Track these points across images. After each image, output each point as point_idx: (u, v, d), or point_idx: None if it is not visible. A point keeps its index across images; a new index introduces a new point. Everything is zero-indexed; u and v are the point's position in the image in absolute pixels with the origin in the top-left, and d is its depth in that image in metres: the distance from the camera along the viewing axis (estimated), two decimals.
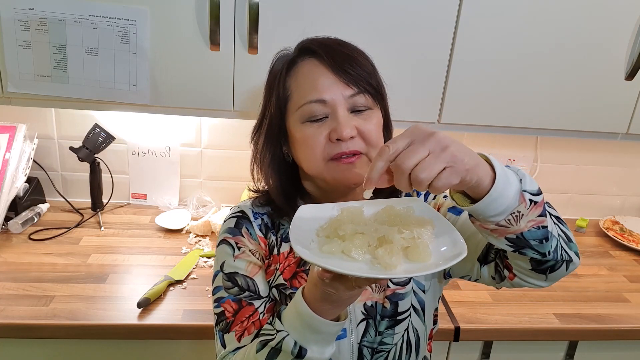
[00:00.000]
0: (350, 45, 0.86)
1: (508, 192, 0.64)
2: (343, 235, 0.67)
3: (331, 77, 0.81)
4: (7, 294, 1.21)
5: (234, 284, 0.86)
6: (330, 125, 0.81)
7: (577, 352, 1.33)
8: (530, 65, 1.29)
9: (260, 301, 0.86)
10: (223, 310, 0.85)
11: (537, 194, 0.67)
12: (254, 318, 0.85)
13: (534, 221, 0.67)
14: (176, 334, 1.17)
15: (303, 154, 0.84)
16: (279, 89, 0.85)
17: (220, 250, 0.90)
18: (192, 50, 1.20)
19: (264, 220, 0.92)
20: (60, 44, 1.18)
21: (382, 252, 0.64)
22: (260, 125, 0.91)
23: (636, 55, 1.29)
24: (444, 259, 0.64)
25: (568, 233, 0.74)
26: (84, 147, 1.55)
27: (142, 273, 1.34)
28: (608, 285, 1.47)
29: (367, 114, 0.83)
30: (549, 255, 0.70)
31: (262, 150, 0.90)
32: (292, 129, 0.85)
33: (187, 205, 1.70)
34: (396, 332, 0.86)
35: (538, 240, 0.68)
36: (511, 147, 1.79)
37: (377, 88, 0.85)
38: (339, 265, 0.62)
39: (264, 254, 0.90)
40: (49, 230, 1.51)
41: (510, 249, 0.70)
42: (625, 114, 1.38)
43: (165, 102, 1.25)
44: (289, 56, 0.87)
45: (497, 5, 1.23)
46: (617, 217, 1.87)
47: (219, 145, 1.69)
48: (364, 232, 0.67)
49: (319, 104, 0.81)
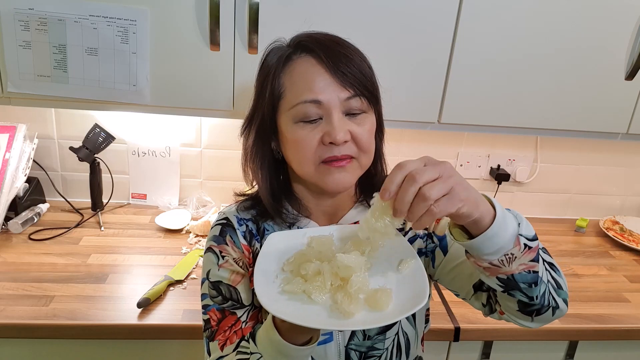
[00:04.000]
0: (348, 45, 0.83)
1: (504, 233, 0.67)
2: (305, 274, 0.69)
3: (327, 77, 0.79)
4: (7, 294, 1.21)
5: (218, 292, 0.87)
6: (324, 128, 0.79)
7: (577, 352, 1.33)
8: (530, 65, 1.29)
9: (242, 310, 0.87)
10: (209, 318, 0.87)
11: (532, 239, 0.70)
12: (236, 327, 0.86)
13: (526, 265, 0.70)
14: (176, 334, 1.17)
15: (293, 155, 0.83)
16: (272, 84, 0.82)
17: (207, 258, 0.90)
18: (192, 50, 1.20)
19: (249, 226, 0.90)
20: (60, 44, 1.18)
21: (340, 299, 0.65)
22: (251, 119, 0.88)
23: (636, 55, 1.29)
24: (402, 307, 0.66)
25: (559, 280, 0.76)
26: (84, 147, 1.55)
27: (142, 273, 1.34)
28: (608, 285, 1.47)
29: (362, 118, 0.81)
30: (537, 299, 0.73)
31: (252, 146, 0.88)
32: (284, 128, 0.82)
33: (187, 205, 1.70)
34: (387, 337, 0.87)
35: (527, 283, 0.71)
36: (511, 147, 1.79)
37: (372, 91, 0.83)
38: (297, 312, 0.64)
39: (248, 262, 0.89)
40: (49, 230, 1.51)
41: (500, 289, 0.73)
42: (625, 114, 1.38)
43: (165, 102, 1.25)
44: (283, 50, 0.83)
45: (497, 6, 1.23)
46: (617, 217, 1.87)
47: (219, 145, 1.69)
48: (322, 272, 0.69)
49: (314, 104, 0.78)
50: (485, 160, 1.80)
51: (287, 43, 0.84)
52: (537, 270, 0.70)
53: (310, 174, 0.82)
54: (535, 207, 1.89)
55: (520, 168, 1.81)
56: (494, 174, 1.78)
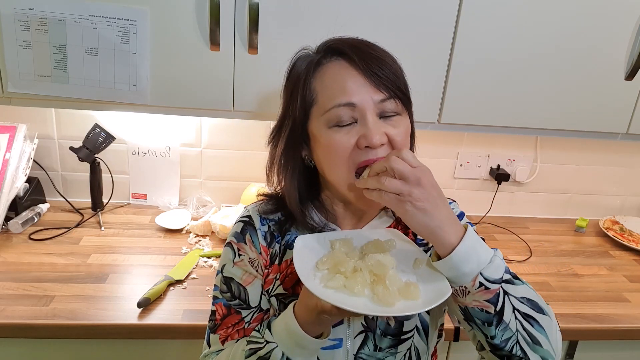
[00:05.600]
0: (378, 47, 0.82)
1: (462, 266, 0.71)
2: (344, 271, 0.75)
3: (360, 79, 0.77)
4: (7, 294, 1.21)
5: (229, 289, 0.90)
6: (359, 131, 0.77)
7: (577, 352, 1.33)
8: (531, 65, 1.29)
9: (247, 311, 0.90)
10: (215, 310, 0.91)
11: (494, 281, 0.72)
12: (239, 327, 0.89)
13: (480, 303, 0.73)
14: (176, 334, 1.17)
15: (327, 160, 0.80)
16: (304, 91, 0.80)
17: (225, 252, 0.92)
18: (192, 50, 1.20)
19: (271, 228, 0.91)
20: (60, 44, 1.18)
21: (382, 291, 0.72)
22: (280, 128, 0.86)
23: (636, 55, 1.29)
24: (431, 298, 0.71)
25: (536, 335, 0.73)
26: (84, 147, 1.55)
27: (142, 273, 1.34)
28: (608, 285, 1.47)
29: (396, 120, 0.79)
30: (501, 343, 0.74)
31: (282, 155, 0.86)
32: (317, 134, 0.80)
33: (187, 205, 1.70)
34: (399, 350, 0.87)
35: (481, 320, 0.74)
36: (511, 147, 1.79)
37: (406, 93, 0.81)
38: (347, 301, 0.70)
39: (264, 263, 0.90)
40: (49, 230, 1.51)
41: (461, 315, 0.76)
42: (625, 114, 1.38)
43: (165, 102, 1.25)
44: (312, 57, 0.82)
45: (497, 5, 1.23)
46: (617, 217, 1.87)
47: (219, 145, 1.69)
48: (361, 269, 0.75)
49: (348, 107, 0.76)
50: (485, 160, 1.80)
51: (315, 50, 0.84)
52: (492, 312, 0.72)
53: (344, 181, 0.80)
54: (535, 207, 1.89)
55: (520, 168, 1.81)
56: (494, 174, 1.78)
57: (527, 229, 1.78)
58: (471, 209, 1.85)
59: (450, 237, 0.71)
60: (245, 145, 1.69)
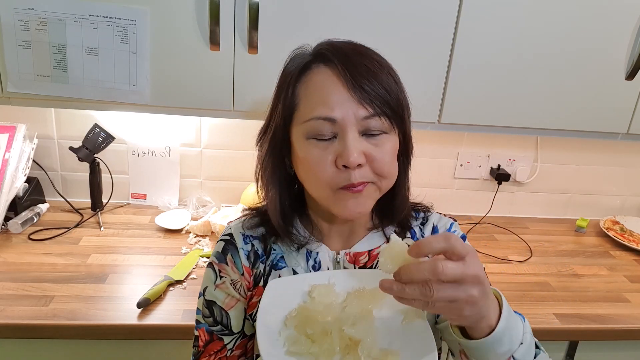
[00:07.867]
0: (373, 55, 0.75)
1: (497, 349, 0.65)
2: (312, 334, 0.67)
3: (344, 93, 0.71)
4: (7, 294, 1.21)
5: (211, 313, 0.86)
6: (337, 149, 0.71)
7: (577, 352, 1.33)
8: (531, 66, 1.29)
9: (230, 337, 0.86)
10: (198, 336, 0.87)
11: None
12: (222, 354, 0.86)
13: None
14: (176, 334, 1.17)
15: (306, 175, 0.76)
16: (287, 94, 0.75)
17: (207, 273, 0.87)
18: (192, 50, 1.20)
19: (254, 246, 0.85)
20: (60, 44, 1.18)
21: None
22: (266, 129, 0.81)
23: (636, 55, 1.29)
24: None
25: None
26: (84, 147, 1.55)
27: (142, 273, 1.34)
28: (608, 285, 1.47)
29: (381, 139, 0.73)
30: None
31: (264, 158, 0.81)
32: (296, 143, 0.76)
33: (187, 205, 1.70)
34: None
35: None
36: (511, 147, 1.79)
37: (396, 110, 0.74)
38: None
39: (247, 285, 0.85)
40: (49, 230, 1.51)
41: None
42: (625, 114, 1.38)
43: (165, 102, 1.25)
44: (303, 58, 0.76)
45: (497, 6, 1.23)
46: (617, 217, 1.87)
47: (219, 145, 1.69)
48: (331, 331, 0.67)
49: (327, 122, 0.71)
50: (485, 160, 1.80)
51: (310, 50, 0.78)
52: None
53: (324, 198, 0.75)
54: (536, 207, 1.89)
55: (521, 168, 1.81)
56: (494, 174, 1.78)
57: (527, 229, 1.78)
58: (471, 209, 1.85)
59: (491, 320, 0.64)
60: (245, 145, 1.69)
